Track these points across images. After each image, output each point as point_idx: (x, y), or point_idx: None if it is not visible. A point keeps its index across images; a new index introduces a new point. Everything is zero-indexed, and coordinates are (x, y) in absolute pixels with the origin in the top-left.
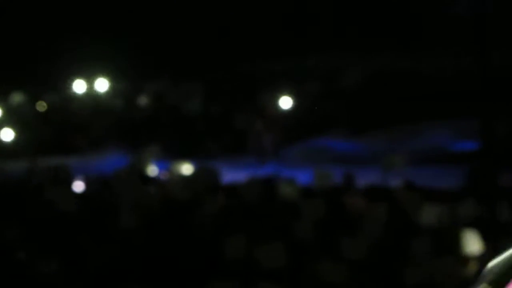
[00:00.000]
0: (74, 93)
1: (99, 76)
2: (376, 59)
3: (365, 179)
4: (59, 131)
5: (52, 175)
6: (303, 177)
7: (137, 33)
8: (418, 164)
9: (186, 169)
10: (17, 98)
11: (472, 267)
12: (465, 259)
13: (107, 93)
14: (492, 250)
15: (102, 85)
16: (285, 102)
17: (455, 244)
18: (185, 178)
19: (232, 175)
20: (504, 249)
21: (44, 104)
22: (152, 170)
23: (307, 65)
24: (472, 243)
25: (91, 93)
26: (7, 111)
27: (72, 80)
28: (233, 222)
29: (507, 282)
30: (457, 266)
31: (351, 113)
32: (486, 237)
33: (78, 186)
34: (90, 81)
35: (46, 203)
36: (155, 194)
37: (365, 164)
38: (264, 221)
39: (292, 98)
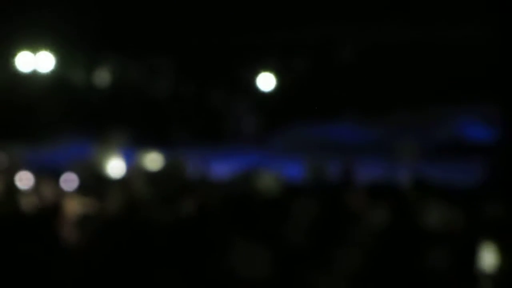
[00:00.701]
0: (20, 70)
1: (50, 50)
2: (378, 29)
3: (367, 173)
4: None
5: None
6: (292, 170)
7: None
8: (430, 156)
9: (154, 161)
10: None
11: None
12: (483, 272)
13: (60, 69)
14: None
15: (53, 60)
16: (269, 80)
17: (472, 253)
18: (152, 175)
19: (207, 166)
20: None
21: None
22: (114, 164)
23: (294, 37)
24: (492, 253)
25: (40, 70)
26: None
27: (17, 54)
28: (209, 226)
29: None
30: (473, 281)
31: (349, 94)
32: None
33: (24, 181)
34: (38, 55)
35: None
36: (116, 196)
37: (367, 154)
38: (245, 224)
39: (277, 75)
